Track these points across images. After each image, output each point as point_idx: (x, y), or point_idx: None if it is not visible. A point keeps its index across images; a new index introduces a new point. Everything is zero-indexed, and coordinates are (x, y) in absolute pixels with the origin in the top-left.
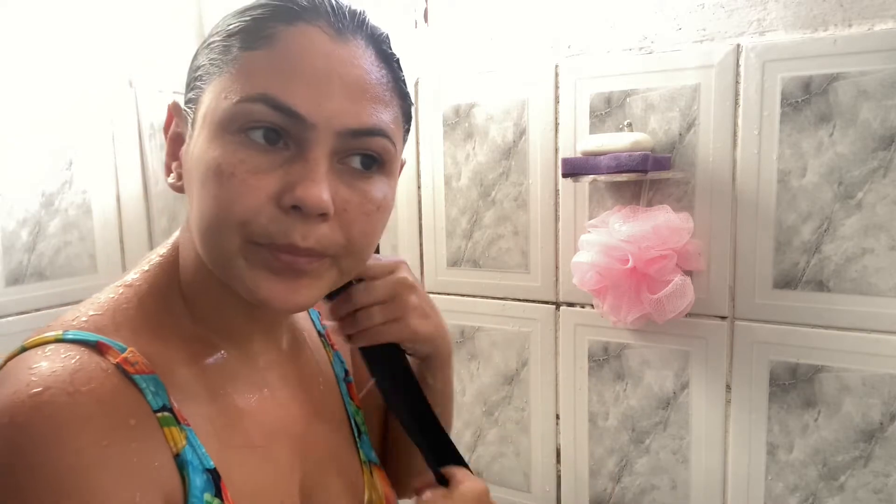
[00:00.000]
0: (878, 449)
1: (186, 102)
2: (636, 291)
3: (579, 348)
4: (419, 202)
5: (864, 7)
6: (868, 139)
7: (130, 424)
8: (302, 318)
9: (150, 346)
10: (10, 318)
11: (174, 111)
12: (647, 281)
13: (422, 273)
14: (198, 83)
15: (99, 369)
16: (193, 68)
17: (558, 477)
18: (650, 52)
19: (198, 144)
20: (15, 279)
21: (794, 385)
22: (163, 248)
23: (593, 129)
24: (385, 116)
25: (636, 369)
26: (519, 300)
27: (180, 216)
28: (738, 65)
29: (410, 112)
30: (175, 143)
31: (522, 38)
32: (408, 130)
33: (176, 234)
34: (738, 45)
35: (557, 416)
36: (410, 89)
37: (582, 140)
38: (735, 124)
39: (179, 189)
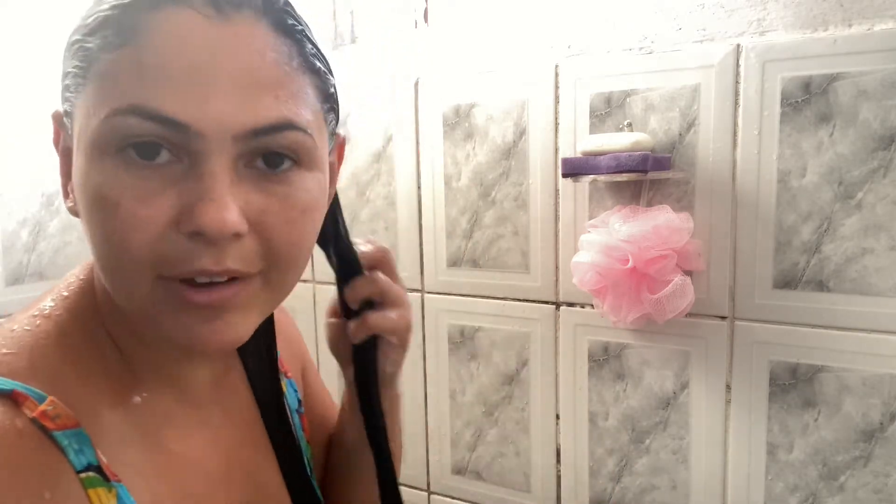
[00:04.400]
0: (878, 449)
1: (64, 115)
2: (636, 291)
3: (579, 348)
4: (419, 202)
5: (864, 7)
6: (868, 139)
7: (45, 498)
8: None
9: (73, 389)
10: None
11: (58, 123)
12: (647, 281)
13: (422, 273)
14: (67, 94)
15: (13, 430)
16: (63, 75)
17: (558, 477)
18: (650, 52)
19: (78, 168)
20: (15, 279)
21: (794, 385)
22: (81, 271)
23: (593, 129)
24: (291, 104)
25: (636, 369)
26: (519, 300)
27: None
28: (738, 65)
29: (329, 88)
30: (67, 158)
31: (522, 38)
32: (332, 109)
33: None
34: (738, 45)
35: (557, 416)
36: (410, 90)
37: (582, 140)
38: (735, 124)
39: (77, 213)
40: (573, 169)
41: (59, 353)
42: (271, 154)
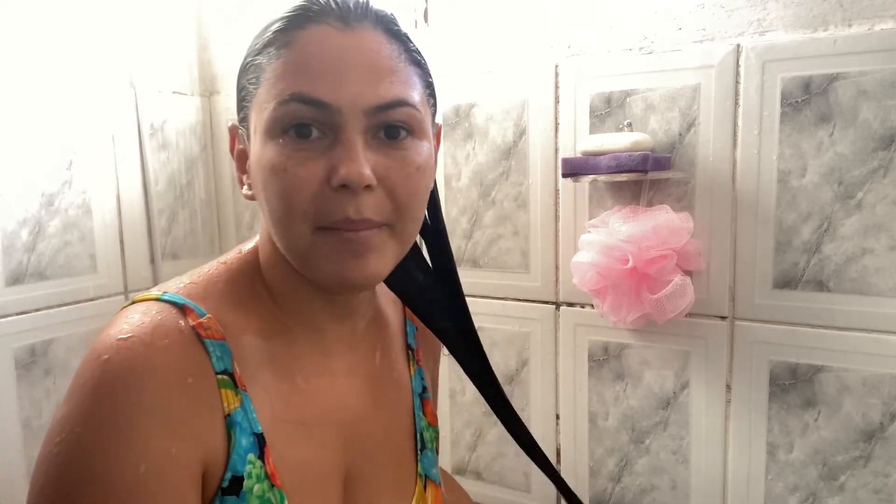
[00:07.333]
0: (878, 449)
1: (240, 122)
2: (636, 291)
3: (579, 348)
4: None
5: (864, 7)
6: (868, 139)
7: (188, 382)
8: (394, 327)
9: (230, 315)
10: (10, 318)
11: (233, 132)
12: (647, 281)
13: None
14: (244, 104)
15: (177, 329)
16: (238, 90)
17: None
18: (650, 52)
19: (255, 154)
20: (15, 279)
21: (794, 385)
22: (255, 237)
23: (593, 129)
24: (403, 87)
25: (636, 369)
26: (519, 300)
27: (180, 216)
28: (738, 65)
29: (429, 77)
30: (241, 160)
31: (522, 38)
32: (431, 95)
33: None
34: (738, 45)
35: (557, 416)
36: None
37: (582, 140)
38: (735, 124)
39: (252, 198)
40: (573, 169)
41: (226, 290)
42: (391, 127)
